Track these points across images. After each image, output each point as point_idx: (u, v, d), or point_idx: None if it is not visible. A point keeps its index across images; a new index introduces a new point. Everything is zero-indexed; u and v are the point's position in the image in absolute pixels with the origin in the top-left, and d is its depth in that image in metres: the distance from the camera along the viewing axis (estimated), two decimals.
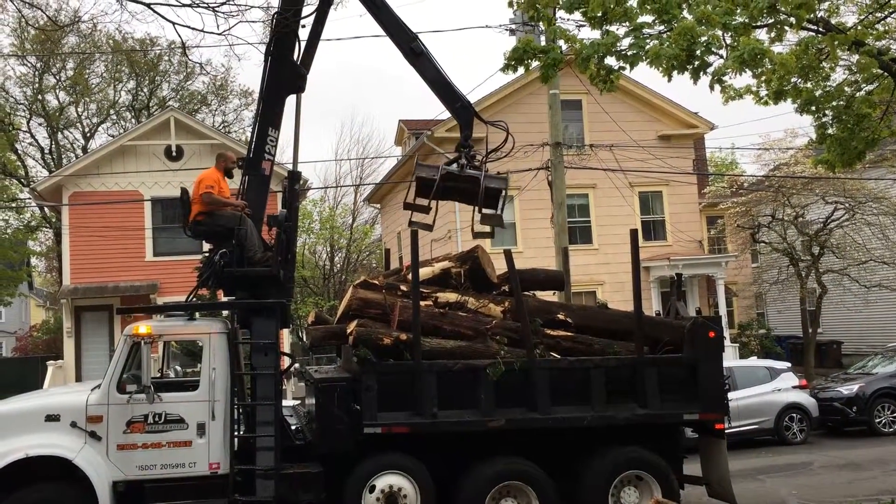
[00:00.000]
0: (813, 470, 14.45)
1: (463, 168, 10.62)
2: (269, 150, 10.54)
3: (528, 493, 9.69)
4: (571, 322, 10.66)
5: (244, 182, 10.55)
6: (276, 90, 10.57)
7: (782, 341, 29.63)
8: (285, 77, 10.58)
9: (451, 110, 11.15)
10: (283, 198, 11.03)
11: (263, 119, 10.53)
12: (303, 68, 10.76)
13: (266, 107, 10.55)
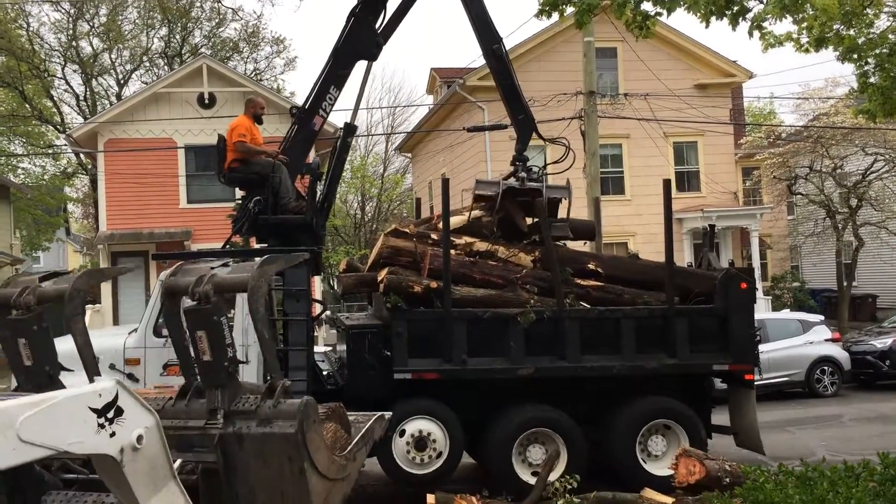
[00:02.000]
0: (843, 423, 14.43)
1: (523, 181, 10.56)
2: (325, 108, 10.53)
3: (556, 439, 9.79)
4: (602, 272, 10.64)
5: (291, 130, 10.58)
6: (349, 52, 10.52)
7: (816, 294, 29.35)
8: (362, 42, 10.52)
9: (513, 120, 11.29)
10: (333, 148, 11.05)
11: (328, 76, 10.50)
12: (381, 39, 10.70)
13: (334, 65, 10.50)
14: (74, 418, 3.36)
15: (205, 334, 4.28)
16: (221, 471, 4.13)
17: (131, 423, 3.55)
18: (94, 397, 3.45)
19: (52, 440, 3.27)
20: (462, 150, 27.04)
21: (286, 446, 4.06)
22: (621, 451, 9.92)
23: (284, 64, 48.92)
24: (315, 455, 4.11)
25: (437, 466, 9.57)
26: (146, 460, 3.60)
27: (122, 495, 3.67)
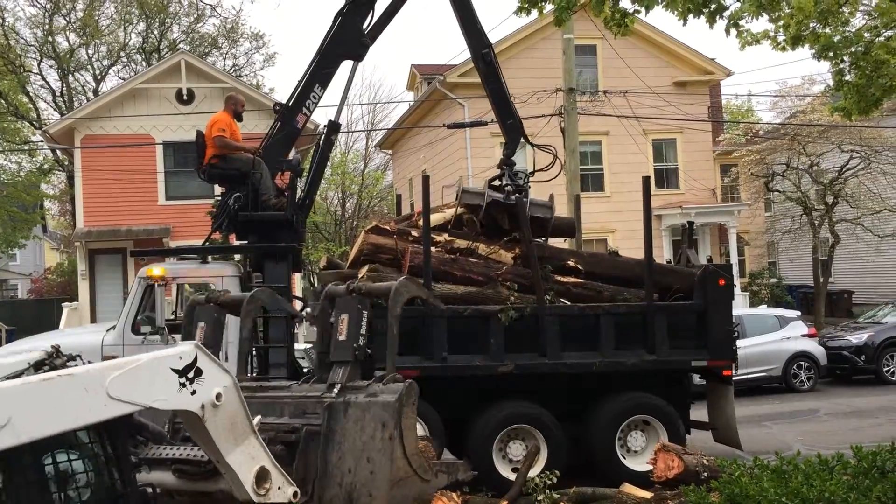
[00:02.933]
0: (819, 417, 14.60)
1: (507, 196, 10.56)
2: (309, 106, 10.50)
3: (536, 435, 9.83)
4: (582, 269, 10.69)
5: (274, 127, 10.54)
6: (334, 51, 10.48)
7: (793, 290, 29.64)
8: (348, 41, 10.50)
9: (501, 125, 11.33)
10: (316, 145, 11.02)
11: (313, 74, 10.46)
12: (368, 39, 10.67)
13: (320, 63, 10.47)
14: (158, 378, 3.69)
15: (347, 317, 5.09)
16: (322, 434, 4.50)
17: (210, 382, 3.85)
18: (176, 359, 3.77)
19: (139, 397, 3.60)
20: (443, 147, 27.05)
21: (384, 413, 4.46)
22: (601, 447, 9.98)
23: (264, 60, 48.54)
24: (405, 431, 4.44)
25: None
26: (226, 416, 3.95)
27: (207, 447, 4.02)
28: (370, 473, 4.33)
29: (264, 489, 4.10)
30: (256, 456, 4.09)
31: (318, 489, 4.38)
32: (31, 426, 3.26)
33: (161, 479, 4.45)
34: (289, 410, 4.71)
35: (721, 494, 2.93)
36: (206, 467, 4.26)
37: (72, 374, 3.50)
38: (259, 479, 4.08)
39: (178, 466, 4.43)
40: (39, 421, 3.28)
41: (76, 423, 3.45)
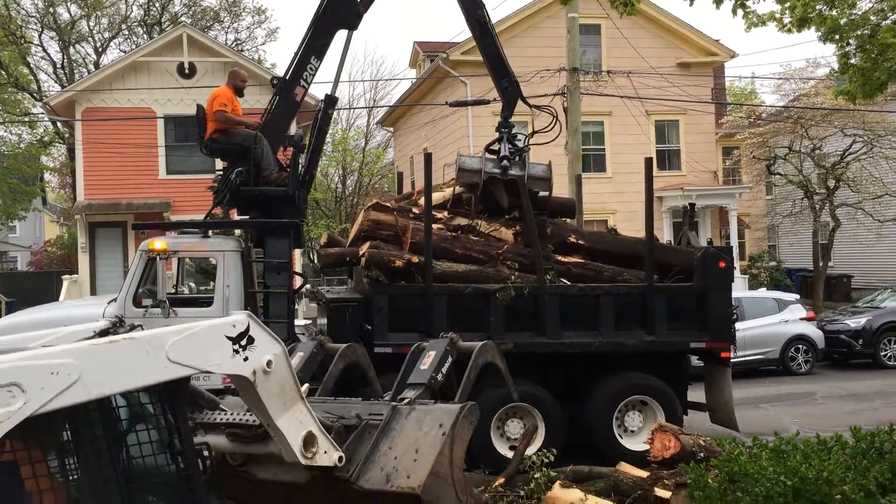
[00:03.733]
0: (816, 400, 14.66)
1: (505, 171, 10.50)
2: (306, 78, 10.43)
3: (534, 414, 9.89)
4: (583, 245, 10.70)
5: (273, 102, 10.49)
6: (328, 21, 10.40)
7: (792, 274, 29.66)
8: (342, 11, 10.41)
9: (497, 87, 11.21)
10: (314, 120, 10.97)
11: (308, 46, 10.38)
12: (361, 7, 10.58)
13: (314, 35, 10.39)
14: (213, 344, 3.94)
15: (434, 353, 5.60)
16: (380, 426, 4.76)
17: (261, 350, 4.09)
18: (230, 327, 4.01)
19: (196, 361, 3.87)
20: (445, 125, 26.96)
21: (444, 416, 4.71)
22: (598, 426, 10.04)
23: (266, 35, 48.38)
24: (457, 440, 4.65)
25: None
26: (276, 383, 4.16)
27: (258, 411, 4.28)
28: (413, 461, 4.54)
29: (311, 452, 4.35)
30: (304, 421, 4.33)
31: (360, 469, 4.59)
32: (99, 383, 3.53)
33: (215, 442, 4.72)
34: (356, 410, 5.07)
35: (720, 472, 2.95)
36: (258, 431, 4.52)
37: (134, 337, 3.79)
38: (307, 443, 4.33)
39: (231, 430, 4.69)
40: (106, 379, 3.56)
41: (139, 383, 3.74)
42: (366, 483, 4.55)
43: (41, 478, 3.52)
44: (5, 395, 3.24)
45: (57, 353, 3.49)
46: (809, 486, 2.78)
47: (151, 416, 4.03)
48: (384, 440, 4.73)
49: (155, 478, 4.01)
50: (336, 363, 6.02)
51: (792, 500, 2.78)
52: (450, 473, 4.58)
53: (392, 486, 4.49)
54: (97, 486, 3.79)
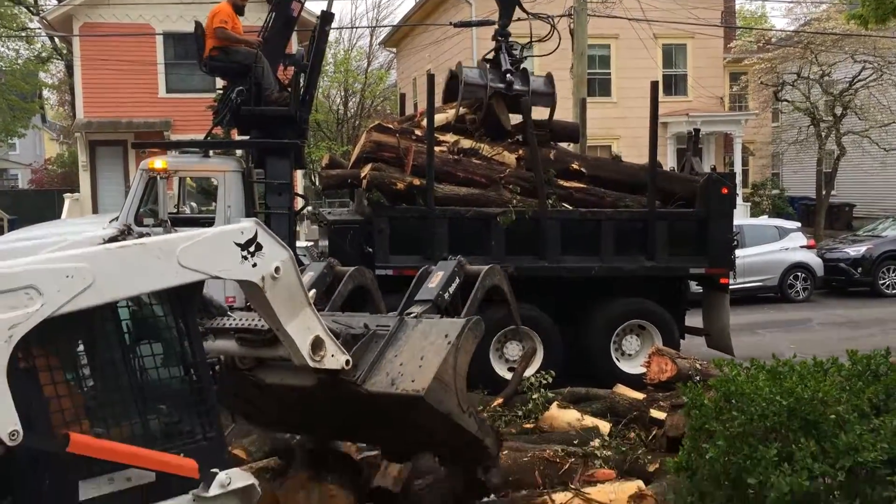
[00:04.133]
0: (812, 327, 14.82)
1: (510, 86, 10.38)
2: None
3: (533, 337, 10.00)
4: (585, 172, 10.65)
5: (269, 19, 10.28)
6: None
7: (795, 202, 29.61)
8: None
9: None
10: (311, 37, 10.76)
11: None
12: None
13: None
14: (223, 250, 4.02)
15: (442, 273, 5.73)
16: (387, 336, 4.88)
17: (269, 256, 4.15)
18: (238, 234, 4.07)
19: (206, 267, 3.95)
20: (448, 46, 26.49)
21: (450, 327, 4.84)
22: (596, 350, 10.18)
23: None
24: (462, 351, 4.75)
25: None
26: (284, 288, 4.24)
27: (267, 316, 4.38)
28: (418, 367, 4.64)
29: (319, 356, 4.46)
30: (312, 326, 4.43)
31: (366, 374, 4.70)
32: (112, 287, 3.61)
33: (225, 347, 4.90)
34: (364, 321, 5.15)
35: (717, 392, 3.00)
36: (266, 335, 4.62)
37: (145, 243, 3.85)
38: (315, 347, 4.44)
39: (241, 335, 4.79)
40: (119, 283, 3.65)
41: (150, 287, 3.86)
42: (371, 387, 4.66)
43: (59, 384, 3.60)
44: (23, 298, 3.30)
45: (71, 258, 3.54)
46: (804, 405, 2.83)
47: (164, 324, 4.12)
48: (390, 348, 4.83)
49: (167, 388, 4.09)
50: (345, 283, 6.08)
51: (786, 419, 2.83)
52: (453, 381, 4.67)
53: (397, 389, 4.60)
54: (111, 394, 3.86)
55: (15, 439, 3.24)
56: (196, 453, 3.98)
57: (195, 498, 3.95)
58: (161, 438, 3.95)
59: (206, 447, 4.07)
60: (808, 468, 2.71)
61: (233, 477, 4.05)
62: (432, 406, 4.58)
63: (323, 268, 6.23)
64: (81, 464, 3.55)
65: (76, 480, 3.59)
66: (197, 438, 4.08)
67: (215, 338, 4.89)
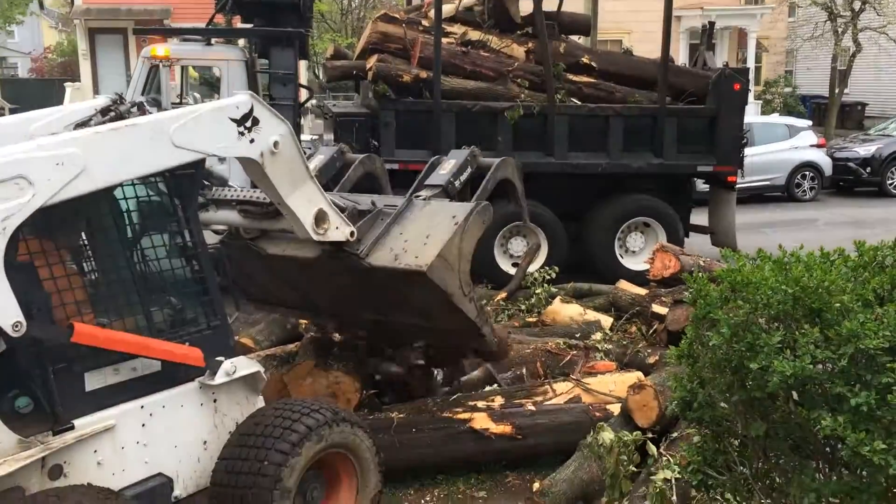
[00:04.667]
0: (817, 226, 14.82)
1: None
2: None
3: (538, 233, 10.00)
4: (596, 67, 10.45)
5: None
6: None
7: (806, 100, 29.13)
8: None
9: None
10: None
11: None
12: None
13: None
14: (218, 127, 3.91)
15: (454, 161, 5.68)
16: (393, 216, 4.87)
17: (267, 131, 4.07)
18: (233, 109, 3.95)
19: (201, 145, 3.85)
20: None
21: (458, 209, 4.82)
22: (600, 247, 10.22)
23: None
24: (468, 233, 4.73)
25: None
26: (284, 163, 4.18)
27: (268, 191, 4.35)
28: (423, 245, 4.62)
29: (323, 228, 4.46)
30: (314, 199, 4.40)
31: (371, 248, 4.69)
32: (105, 172, 3.52)
33: (227, 218, 4.89)
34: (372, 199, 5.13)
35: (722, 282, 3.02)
36: (269, 208, 4.60)
37: (136, 124, 3.73)
38: (318, 220, 4.43)
39: (243, 207, 4.76)
40: (112, 167, 3.55)
41: (146, 170, 3.74)
42: (374, 260, 4.66)
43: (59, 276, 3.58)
44: (13, 189, 3.24)
45: (60, 143, 3.45)
46: (809, 294, 2.84)
47: (163, 211, 4.08)
48: (396, 226, 4.81)
49: (169, 277, 4.10)
50: (355, 169, 6.00)
51: (791, 307, 2.85)
52: (457, 262, 4.67)
53: (400, 264, 4.59)
54: (113, 284, 3.86)
55: (18, 330, 3.24)
56: (201, 342, 4.02)
57: (201, 385, 4.04)
58: (165, 328, 3.98)
59: (210, 336, 4.11)
60: (811, 354, 2.74)
61: (238, 365, 4.12)
62: (434, 283, 4.56)
63: (333, 153, 6.13)
64: (87, 354, 3.58)
65: (82, 372, 3.63)
66: (201, 327, 4.11)
67: (217, 208, 4.86)
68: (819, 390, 2.83)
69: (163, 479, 3.90)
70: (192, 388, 4.03)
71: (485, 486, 5.28)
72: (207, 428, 4.10)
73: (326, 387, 5.41)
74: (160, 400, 3.90)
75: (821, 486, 2.90)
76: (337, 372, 5.44)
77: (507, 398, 5.79)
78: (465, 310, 4.83)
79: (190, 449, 4.03)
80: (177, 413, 3.96)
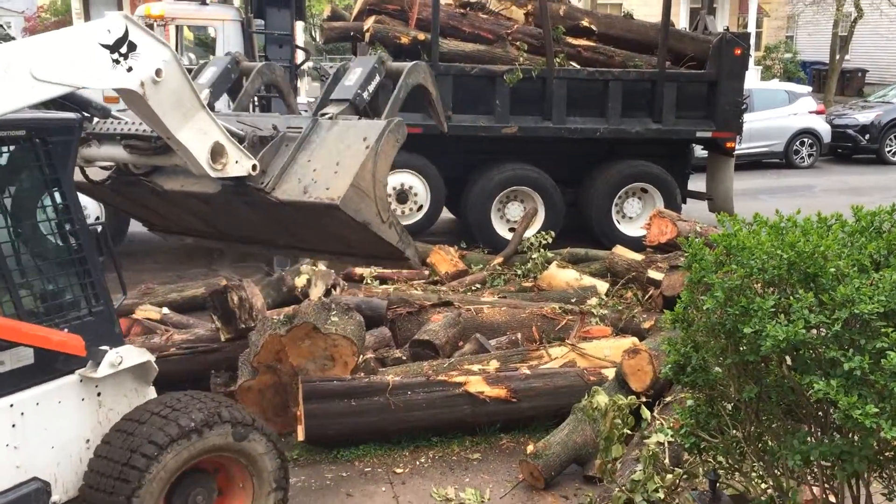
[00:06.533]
0: (814, 193, 14.81)
1: None
2: None
3: (535, 198, 10.01)
4: (595, 30, 10.36)
5: None
6: None
7: (807, 66, 28.93)
8: None
9: None
10: None
11: None
12: None
13: None
14: (87, 55, 3.38)
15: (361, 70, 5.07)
16: (299, 139, 4.46)
17: (147, 57, 3.57)
18: (104, 33, 3.42)
19: (68, 78, 3.32)
20: None
21: (368, 130, 4.39)
22: (597, 212, 10.21)
23: None
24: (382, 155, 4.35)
25: (417, 219, 9.82)
26: (170, 92, 3.70)
27: (155, 125, 3.84)
28: (334, 173, 4.27)
29: (221, 164, 4.03)
30: (209, 131, 3.94)
31: (276, 180, 4.32)
32: None
33: (113, 154, 4.46)
34: (273, 122, 4.65)
35: (718, 246, 3.02)
36: (157, 143, 4.17)
37: None
38: (214, 154, 3.99)
39: (129, 142, 4.35)
40: None
41: (5, 109, 3.17)
42: (282, 194, 4.31)
43: None
44: None
45: None
46: (805, 259, 2.84)
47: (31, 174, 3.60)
48: (303, 152, 4.42)
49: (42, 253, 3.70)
50: (252, 80, 5.42)
51: (786, 271, 2.85)
52: (372, 188, 4.33)
53: (310, 197, 4.25)
54: None
55: None
56: (82, 329, 3.59)
57: (82, 378, 3.63)
58: (40, 313, 3.53)
59: (92, 322, 3.66)
60: (805, 318, 2.74)
61: (124, 354, 3.71)
62: (349, 215, 4.26)
63: (227, 63, 5.51)
64: None
65: None
66: (82, 312, 3.66)
67: (100, 143, 4.41)
68: (812, 355, 2.84)
69: (38, 483, 3.48)
70: (71, 382, 3.60)
71: (479, 449, 5.32)
72: (90, 425, 3.68)
73: (324, 349, 5.42)
74: (33, 396, 3.45)
75: (811, 448, 2.93)
76: (335, 335, 5.46)
77: (503, 362, 5.82)
78: (385, 237, 4.53)
79: (70, 449, 3.61)
80: (54, 410, 3.53)
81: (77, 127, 3.65)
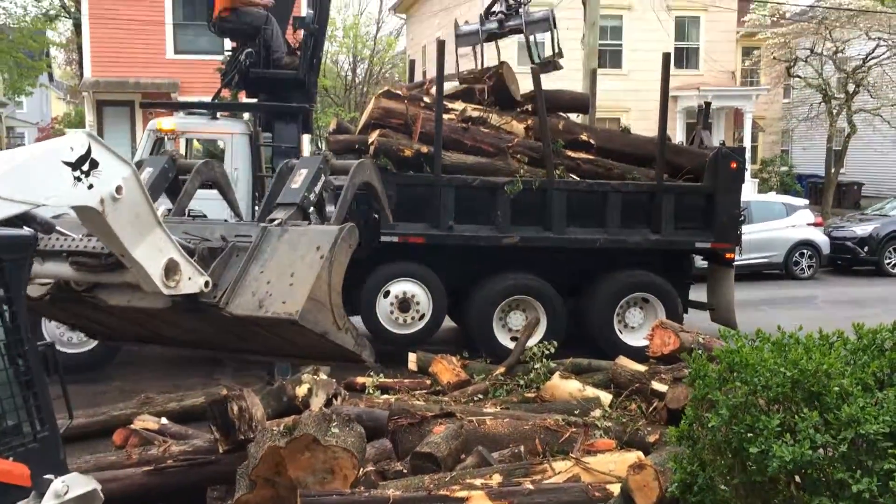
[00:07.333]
0: (816, 304, 14.81)
1: (502, 24, 10.23)
2: None
3: (537, 307, 10.02)
4: (594, 144, 10.60)
5: None
6: None
7: (803, 180, 29.47)
8: None
9: None
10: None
11: None
12: None
13: None
14: (49, 173, 3.32)
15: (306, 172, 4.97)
16: (249, 249, 4.36)
17: (108, 174, 3.53)
18: (67, 151, 3.38)
19: (29, 195, 3.24)
20: (459, 14, 26.21)
21: (321, 237, 4.32)
22: (599, 322, 10.20)
23: None
24: (336, 263, 4.28)
25: (419, 328, 9.81)
26: (128, 209, 3.66)
27: (110, 243, 3.77)
28: (290, 286, 4.20)
29: (174, 281, 3.98)
30: (164, 248, 3.91)
31: (229, 294, 4.23)
32: None
33: (57, 271, 4.32)
34: (220, 231, 4.58)
35: (721, 362, 3.01)
36: (107, 260, 4.08)
37: None
38: (168, 271, 3.95)
39: (76, 259, 4.21)
40: None
41: None
42: (236, 308, 4.21)
43: None
44: None
45: None
46: (808, 377, 2.83)
47: None
48: (255, 263, 4.33)
49: None
50: (192, 179, 5.32)
51: (790, 390, 2.84)
52: (328, 298, 4.27)
53: (266, 312, 4.17)
54: None
55: None
56: (26, 456, 3.33)
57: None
58: None
59: (37, 449, 3.41)
60: (811, 438, 2.71)
61: (70, 483, 3.43)
62: (307, 328, 4.19)
63: (164, 163, 5.39)
64: None
65: None
66: (27, 439, 3.39)
67: (43, 260, 4.25)
68: (820, 475, 2.80)
69: None
70: None
71: None
72: None
73: (324, 462, 5.31)
74: None
75: None
76: (336, 447, 5.36)
77: (506, 476, 5.69)
78: (341, 343, 4.46)
79: None
80: None
81: (32, 244, 3.53)
